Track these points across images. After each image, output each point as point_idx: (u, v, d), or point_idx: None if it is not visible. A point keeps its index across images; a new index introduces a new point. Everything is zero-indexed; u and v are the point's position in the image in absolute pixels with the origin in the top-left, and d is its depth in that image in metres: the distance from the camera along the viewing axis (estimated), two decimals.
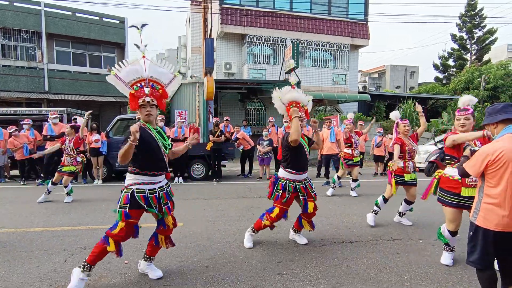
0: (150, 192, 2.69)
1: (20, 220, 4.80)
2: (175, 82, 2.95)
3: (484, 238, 2.10)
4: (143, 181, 2.69)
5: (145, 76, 2.74)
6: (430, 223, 4.71)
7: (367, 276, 2.91)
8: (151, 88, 2.74)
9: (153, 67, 2.77)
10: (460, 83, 23.71)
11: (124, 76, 2.69)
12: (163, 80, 2.84)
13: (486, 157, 2.09)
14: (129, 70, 2.71)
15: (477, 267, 2.19)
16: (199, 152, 9.07)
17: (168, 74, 2.86)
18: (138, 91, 2.70)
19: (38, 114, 9.88)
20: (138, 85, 2.72)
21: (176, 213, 5.14)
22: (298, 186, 3.54)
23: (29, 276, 2.90)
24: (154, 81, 2.79)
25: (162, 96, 2.82)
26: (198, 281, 2.81)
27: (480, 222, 2.13)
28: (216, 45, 16.15)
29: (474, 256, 2.17)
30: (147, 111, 2.72)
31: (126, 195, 2.64)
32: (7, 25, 14.78)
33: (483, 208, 2.13)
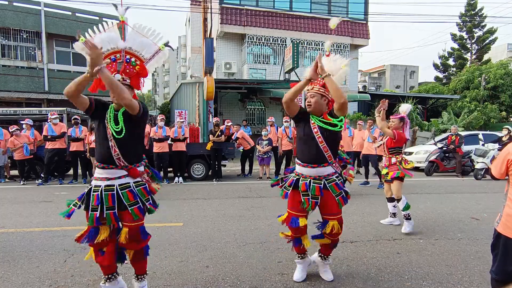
0: (106, 189, 2.19)
1: (20, 220, 4.80)
2: (159, 56, 2.36)
3: (504, 246, 1.90)
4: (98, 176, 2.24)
5: (121, 46, 2.22)
6: (430, 223, 4.71)
7: (368, 276, 2.90)
8: (125, 63, 2.21)
9: (133, 35, 2.26)
10: (460, 82, 23.70)
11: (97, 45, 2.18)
12: (144, 54, 2.31)
13: (507, 156, 1.93)
14: (103, 37, 2.19)
15: (495, 277, 1.98)
16: (199, 152, 9.08)
17: (151, 45, 2.31)
18: (109, 65, 2.17)
19: (38, 114, 9.87)
20: (110, 58, 2.20)
21: (176, 213, 5.18)
22: (313, 185, 2.59)
23: (29, 276, 2.89)
24: (132, 54, 2.26)
25: (139, 73, 2.27)
26: (198, 281, 2.80)
27: (500, 229, 1.94)
28: (216, 45, 16.14)
29: (494, 265, 1.98)
30: None
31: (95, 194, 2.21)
32: (7, 25, 14.78)
33: (505, 214, 1.94)
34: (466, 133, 12.47)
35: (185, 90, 14.70)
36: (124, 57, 2.22)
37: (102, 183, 2.22)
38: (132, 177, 2.27)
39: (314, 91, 2.64)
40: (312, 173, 2.63)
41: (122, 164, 2.24)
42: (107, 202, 2.17)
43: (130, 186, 2.25)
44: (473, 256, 3.37)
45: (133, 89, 2.29)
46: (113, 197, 2.19)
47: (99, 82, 2.25)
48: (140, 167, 2.37)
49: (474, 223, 4.67)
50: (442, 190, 7.45)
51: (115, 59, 2.22)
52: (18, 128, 8.54)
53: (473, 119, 18.69)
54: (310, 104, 2.65)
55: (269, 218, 4.85)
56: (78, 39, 2.10)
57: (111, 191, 2.20)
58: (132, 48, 2.27)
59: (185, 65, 36.85)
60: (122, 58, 2.22)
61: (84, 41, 2.05)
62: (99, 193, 2.19)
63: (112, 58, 2.22)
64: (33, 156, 8.61)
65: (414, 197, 6.59)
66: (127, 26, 2.28)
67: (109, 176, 2.23)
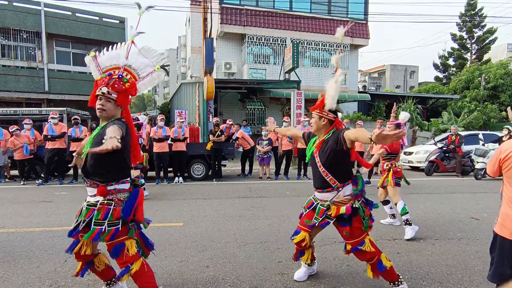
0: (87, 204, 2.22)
1: (20, 220, 4.80)
2: (153, 77, 2.38)
3: (501, 248, 1.86)
4: None
5: (121, 63, 2.26)
6: (430, 223, 4.71)
7: (368, 276, 2.90)
8: (117, 78, 2.20)
9: (136, 55, 2.32)
10: (460, 82, 23.71)
11: (102, 61, 2.26)
12: (141, 72, 2.35)
13: (499, 155, 1.93)
14: (110, 54, 2.28)
15: (492, 281, 1.91)
16: (199, 152, 9.08)
17: (149, 65, 2.36)
18: (102, 79, 2.20)
19: (38, 114, 9.88)
20: (107, 73, 2.23)
21: (176, 213, 5.19)
22: (319, 207, 2.60)
23: (29, 276, 2.89)
24: (129, 72, 2.29)
25: (127, 90, 2.24)
26: (199, 281, 2.80)
27: (497, 229, 1.91)
28: (216, 45, 16.14)
29: (491, 269, 1.91)
30: (99, 105, 2.16)
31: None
32: (7, 25, 14.77)
33: (500, 213, 1.92)
34: (466, 133, 12.48)
35: (185, 90, 14.69)
36: (119, 73, 2.22)
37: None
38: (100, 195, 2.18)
39: (315, 112, 2.64)
40: (321, 197, 2.62)
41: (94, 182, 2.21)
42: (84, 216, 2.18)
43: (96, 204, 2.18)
44: (473, 256, 3.38)
45: (119, 106, 2.25)
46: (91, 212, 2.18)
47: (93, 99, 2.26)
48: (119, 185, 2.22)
49: (474, 223, 4.67)
50: (442, 190, 7.45)
51: (110, 74, 2.21)
52: (18, 128, 8.54)
53: (473, 119, 18.69)
54: (311, 125, 2.74)
55: (269, 218, 4.86)
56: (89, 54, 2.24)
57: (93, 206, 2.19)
58: (131, 66, 2.30)
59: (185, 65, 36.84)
60: (120, 73, 2.23)
61: (93, 56, 2.21)
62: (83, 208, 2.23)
63: (109, 72, 2.22)
64: (33, 156, 8.61)
65: (414, 197, 6.59)
66: (133, 46, 2.32)
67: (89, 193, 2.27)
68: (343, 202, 2.50)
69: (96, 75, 2.27)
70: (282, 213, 5.16)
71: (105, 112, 2.18)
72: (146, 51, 2.37)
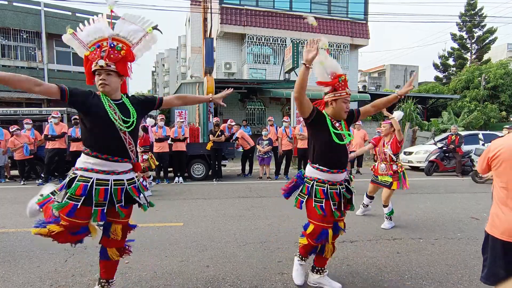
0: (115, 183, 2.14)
1: (21, 220, 4.80)
2: (147, 40, 2.25)
3: (492, 248, 1.83)
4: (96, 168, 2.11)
5: (107, 34, 2.12)
6: (430, 222, 4.71)
7: (368, 276, 2.91)
8: (109, 48, 2.08)
9: (122, 24, 2.19)
10: (460, 82, 23.72)
11: (83, 36, 2.15)
12: (132, 39, 2.22)
13: (487, 153, 1.93)
14: (90, 29, 2.15)
15: (486, 283, 1.87)
16: (199, 152, 9.08)
17: (139, 31, 2.22)
18: (93, 52, 2.09)
19: (38, 114, 9.88)
20: (95, 45, 2.11)
21: (176, 213, 5.19)
22: (331, 191, 2.50)
23: (29, 276, 2.90)
24: (119, 40, 2.16)
25: (125, 58, 2.14)
26: (199, 280, 2.81)
27: (488, 229, 1.89)
28: (216, 44, 16.14)
29: (484, 270, 1.88)
30: (101, 80, 2.07)
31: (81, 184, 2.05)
32: (7, 25, 14.78)
33: (491, 213, 1.90)
34: (466, 133, 12.48)
35: (185, 90, 14.71)
36: (109, 43, 2.11)
37: (110, 177, 2.13)
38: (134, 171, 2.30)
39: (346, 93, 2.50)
40: (339, 178, 2.56)
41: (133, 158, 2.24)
42: (116, 197, 2.14)
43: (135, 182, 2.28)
44: (473, 256, 3.38)
45: (121, 76, 2.18)
46: (122, 191, 2.17)
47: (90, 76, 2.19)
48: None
49: (474, 223, 4.67)
50: (442, 190, 7.45)
51: (99, 46, 2.10)
52: (19, 128, 8.55)
53: (473, 119, 18.70)
54: (346, 111, 2.55)
55: (269, 218, 4.86)
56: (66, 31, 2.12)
57: (121, 185, 2.17)
58: (119, 34, 2.18)
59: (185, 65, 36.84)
60: (107, 44, 2.10)
61: (72, 32, 2.11)
62: (108, 187, 2.10)
63: (97, 45, 2.12)
64: (33, 156, 8.62)
65: (414, 197, 6.60)
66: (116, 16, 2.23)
67: (118, 169, 2.16)
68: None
69: (82, 51, 2.16)
70: (282, 213, 5.16)
71: (108, 86, 2.11)
72: (130, 17, 2.23)
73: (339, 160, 2.52)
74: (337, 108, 2.52)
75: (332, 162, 2.51)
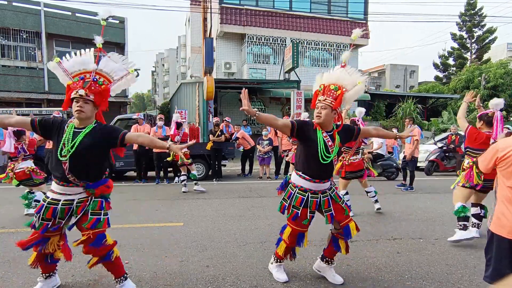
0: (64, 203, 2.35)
1: (21, 220, 4.80)
2: (128, 79, 2.49)
3: (498, 247, 1.80)
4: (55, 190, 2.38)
5: (91, 68, 2.35)
6: (430, 222, 4.71)
7: (368, 276, 2.91)
8: (92, 81, 2.30)
9: (106, 61, 2.42)
10: (460, 82, 23.73)
11: (69, 66, 2.35)
12: (114, 76, 2.45)
13: (496, 153, 1.86)
14: (76, 60, 2.36)
15: (491, 283, 1.83)
16: (199, 152, 9.08)
17: (122, 69, 2.46)
18: (75, 83, 2.30)
19: (38, 114, 9.88)
20: (79, 77, 2.33)
21: (176, 213, 5.19)
22: (311, 200, 2.59)
23: (29, 276, 2.89)
24: (101, 75, 2.39)
25: (103, 91, 2.35)
26: (199, 280, 2.81)
27: (493, 228, 1.85)
28: (215, 44, 16.14)
29: (488, 270, 1.85)
30: (78, 106, 2.26)
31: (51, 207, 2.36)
32: (7, 25, 14.78)
33: (496, 212, 1.85)
34: None
35: (185, 90, 14.70)
36: (92, 76, 2.33)
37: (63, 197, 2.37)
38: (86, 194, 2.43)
39: (326, 102, 2.51)
40: (322, 187, 2.64)
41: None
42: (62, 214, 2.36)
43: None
44: (473, 256, 3.38)
45: (96, 106, 2.37)
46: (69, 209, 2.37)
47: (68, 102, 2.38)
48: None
49: None
50: (442, 190, 7.44)
51: (83, 78, 2.32)
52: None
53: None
54: (319, 115, 2.53)
55: (269, 218, 4.86)
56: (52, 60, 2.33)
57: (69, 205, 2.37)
58: (102, 70, 2.40)
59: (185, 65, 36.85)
60: (90, 77, 2.32)
61: (58, 61, 2.34)
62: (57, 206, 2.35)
63: (81, 76, 2.33)
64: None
65: (414, 196, 6.60)
66: (102, 54, 2.42)
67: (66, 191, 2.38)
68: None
69: (65, 80, 2.35)
70: None
71: (83, 113, 2.29)
72: (115, 57, 2.47)
73: (324, 171, 2.61)
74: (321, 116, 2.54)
75: (317, 174, 2.59)
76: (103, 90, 2.34)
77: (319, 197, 2.62)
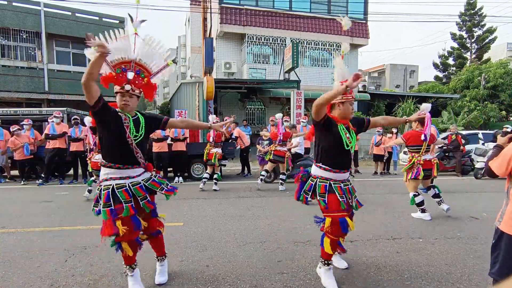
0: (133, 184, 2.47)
1: (21, 220, 4.81)
2: (166, 71, 2.55)
3: (508, 246, 1.81)
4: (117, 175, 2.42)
5: (132, 57, 2.38)
6: (430, 222, 4.72)
7: (367, 275, 2.91)
8: (135, 75, 2.38)
9: (144, 47, 2.42)
10: (460, 82, 23.72)
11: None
12: (153, 67, 2.50)
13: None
14: (116, 46, 2.31)
15: (497, 279, 1.85)
16: (199, 152, 9.07)
17: (160, 59, 2.50)
18: (119, 75, 2.35)
19: (38, 114, 9.88)
20: (121, 68, 2.36)
21: (176, 213, 5.19)
22: (335, 186, 2.68)
23: (29, 276, 2.90)
24: (141, 66, 2.44)
25: (147, 86, 2.46)
26: (199, 280, 2.81)
27: (503, 227, 1.85)
28: (215, 44, 16.15)
29: (495, 267, 1.87)
30: (124, 100, 2.38)
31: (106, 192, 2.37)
32: (6, 25, 14.77)
33: (508, 212, 1.83)
34: (466, 132, 12.49)
35: (185, 90, 14.70)
36: (134, 69, 2.39)
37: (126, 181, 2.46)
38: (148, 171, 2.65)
39: (351, 98, 2.70)
40: (342, 177, 2.75)
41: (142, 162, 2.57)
42: (139, 194, 2.48)
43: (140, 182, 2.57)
44: (473, 255, 3.38)
45: (138, 98, 2.49)
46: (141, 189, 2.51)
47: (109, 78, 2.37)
48: None
49: (474, 222, 4.68)
50: (442, 190, 7.42)
51: (125, 70, 2.37)
52: (20, 128, 8.55)
53: (473, 119, 18.70)
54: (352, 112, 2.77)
55: (269, 218, 4.86)
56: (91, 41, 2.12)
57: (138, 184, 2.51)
58: (142, 60, 2.43)
59: (185, 65, 36.85)
60: (132, 68, 2.37)
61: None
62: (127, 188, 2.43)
63: (123, 68, 2.37)
64: (33, 156, 8.62)
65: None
66: (138, 37, 2.38)
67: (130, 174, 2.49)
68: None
69: (106, 69, 2.34)
70: (282, 212, 5.17)
71: (129, 107, 2.44)
72: (150, 41, 2.46)
73: (343, 161, 2.75)
74: (343, 110, 2.71)
75: (337, 163, 2.72)
76: (145, 84, 2.45)
77: (341, 186, 2.71)
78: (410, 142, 4.98)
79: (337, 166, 2.71)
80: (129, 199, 2.38)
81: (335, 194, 2.63)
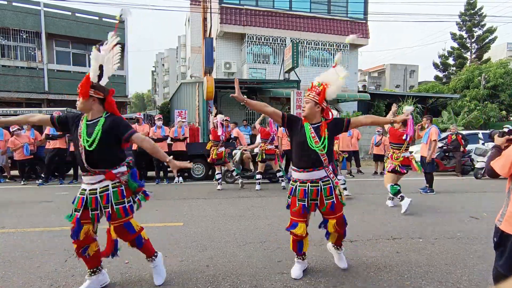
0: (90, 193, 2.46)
1: (21, 220, 4.81)
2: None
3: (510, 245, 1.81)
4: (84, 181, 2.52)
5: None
6: (430, 222, 4.72)
7: (367, 275, 2.91)
8: None
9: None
10: (460, 82, 23.72)
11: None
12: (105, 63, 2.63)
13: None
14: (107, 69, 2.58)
15: (504, 274, 1.86)
16: (199, 152, 9.08)
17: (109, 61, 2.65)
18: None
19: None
20: None
21: (176, 213, 5.19)
22: (298, 189, 2.78)
23: (29, 276, 2.90)
24: None
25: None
26: (199, 280, 2.81)
27: (504, 227, 1.86)
28: (215, 44, 16.14)
29: (501, 261, 1.89)
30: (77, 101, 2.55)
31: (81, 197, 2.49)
32: (6, 25, 14.78)
33: (509, 212, 1.84)
34: (466, 132, 12.48)
35: (185, 90, 14.70)
36: None
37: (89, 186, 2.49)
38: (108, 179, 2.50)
39: (310, 97, 2.78)
40: (310, 177, 2.78)
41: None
42: (90, 204, 2.45)
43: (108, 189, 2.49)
44: (473, 255, 3.38)
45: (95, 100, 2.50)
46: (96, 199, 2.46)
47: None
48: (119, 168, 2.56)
49: (474, 222, 4.68)
50: (442, 190, 7.45)
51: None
52: (19, 128, 8.55)
53: (473, 118, 18.70)
54: (304, 109, 2.83)
55: (269, 218, 4.87)
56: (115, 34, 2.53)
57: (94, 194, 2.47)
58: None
59: (185, 65, 36.85)
60: None
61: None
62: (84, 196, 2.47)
63: None
64: (33, 156, 8.62)
65: (414, 196, 6.59)
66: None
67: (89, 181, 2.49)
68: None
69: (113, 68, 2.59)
70: (282, 212, 5.16)
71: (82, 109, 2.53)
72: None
73: (308, 159, 2.76)
74: (307, 109, 2.80)
75: (302, 162, 2.79)
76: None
77: (307, 186, 2.76)
78: (393, 140, 5.46)
79: (301, 165, 2.79)
80: (79, 208, 2.44)
81: (295, 198, 2.80)
